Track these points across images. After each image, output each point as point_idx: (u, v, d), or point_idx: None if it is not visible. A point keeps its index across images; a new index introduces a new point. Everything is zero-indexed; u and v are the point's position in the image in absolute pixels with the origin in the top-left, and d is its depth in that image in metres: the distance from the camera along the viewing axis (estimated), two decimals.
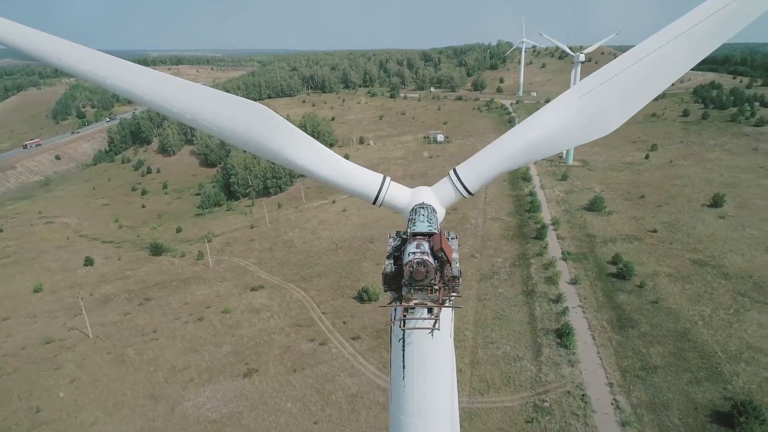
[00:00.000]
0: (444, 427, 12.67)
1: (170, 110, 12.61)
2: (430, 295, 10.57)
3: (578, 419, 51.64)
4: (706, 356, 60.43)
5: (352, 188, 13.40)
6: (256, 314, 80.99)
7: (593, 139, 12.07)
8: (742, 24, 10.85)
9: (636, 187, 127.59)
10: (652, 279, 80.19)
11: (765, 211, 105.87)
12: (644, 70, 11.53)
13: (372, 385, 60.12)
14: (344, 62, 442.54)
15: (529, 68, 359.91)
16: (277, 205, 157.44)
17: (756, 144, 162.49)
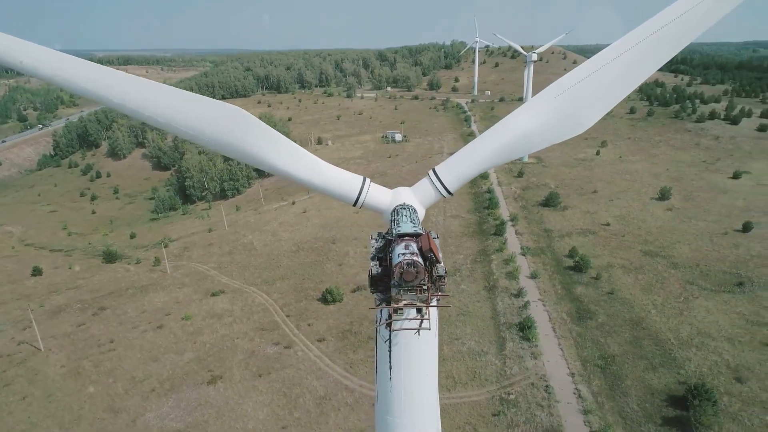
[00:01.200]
0: (431, 425, 12.79)
1: (142, 114, 12.21)
2: (419, 295, 10.65)
3: (543, 410, 52.99)
4: (660, 343, 63.13)
5: (332, 190, 13.33)
6: (218, 320, 79.33)
7: (566, 139, 12.44)
8: (705, 26, 11.42)
9: (588, 182, 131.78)
10: (607, 271, 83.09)
11: (708, 203, 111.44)
12: (615, 71, 11.96)
13: (340, 387, 59.91)
14: (299, 62, 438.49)
15: (483, 67, 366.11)
16: (236, 208, 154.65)
17: (698, 139, 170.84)
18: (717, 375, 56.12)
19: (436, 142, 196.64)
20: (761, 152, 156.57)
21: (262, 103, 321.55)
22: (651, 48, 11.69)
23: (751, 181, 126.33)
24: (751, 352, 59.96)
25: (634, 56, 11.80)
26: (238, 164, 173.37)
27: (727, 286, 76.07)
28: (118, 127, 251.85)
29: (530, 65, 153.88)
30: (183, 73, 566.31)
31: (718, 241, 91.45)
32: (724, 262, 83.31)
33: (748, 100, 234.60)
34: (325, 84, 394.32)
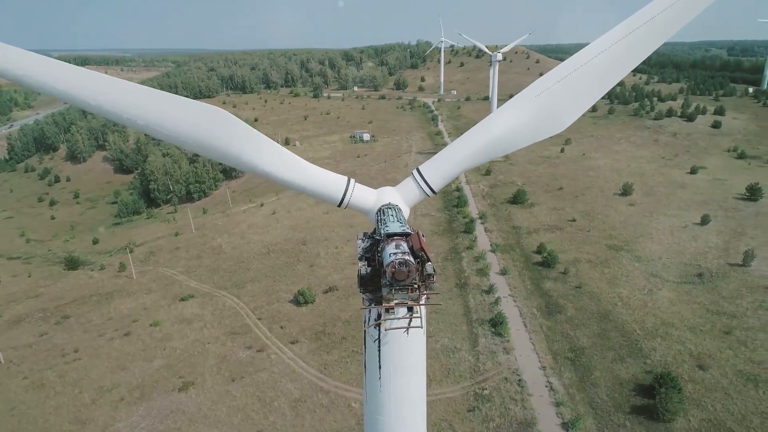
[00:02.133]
0: (420, 422, 12.92)
1: (120, 116, 11.94)
2: (410, 294, 10.73)
3: (516, 404, 53.87)
4: (627, 334, 64.98)
5: (316, 191, 13.31)
6: (188, 325, 77.83)
7: (547, 137, 12.74)
8: (678, 26, 11.88)
9: (554, 179, 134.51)
10: (574, 265, 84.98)
11: (668, 198, 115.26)
12: (592, 71, 12.32)
13: (315, 389, 59.56)
14: (264, 62, 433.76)
15: (449, 67, 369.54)
16: (202, 211, 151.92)
17: (656, 136, 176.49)
18: (681, 363, 58.12)
19: (404, 141, 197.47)
20: (715, 148, 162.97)
21: (227, 103, 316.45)
22: (627, 48, 12.09)
23: (707, 176, 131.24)
24: (712, 340, 62.33)
25: (611, 56, 12.18)
26: (204, 166, 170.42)
27: (687, 277, 78.83)
28: (77, 129, 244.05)
29: (495, 65, 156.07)
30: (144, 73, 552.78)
31: (678, 234, 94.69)
32: (685, 255, 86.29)
33: (702, 98, 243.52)
34: (291, 84, 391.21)
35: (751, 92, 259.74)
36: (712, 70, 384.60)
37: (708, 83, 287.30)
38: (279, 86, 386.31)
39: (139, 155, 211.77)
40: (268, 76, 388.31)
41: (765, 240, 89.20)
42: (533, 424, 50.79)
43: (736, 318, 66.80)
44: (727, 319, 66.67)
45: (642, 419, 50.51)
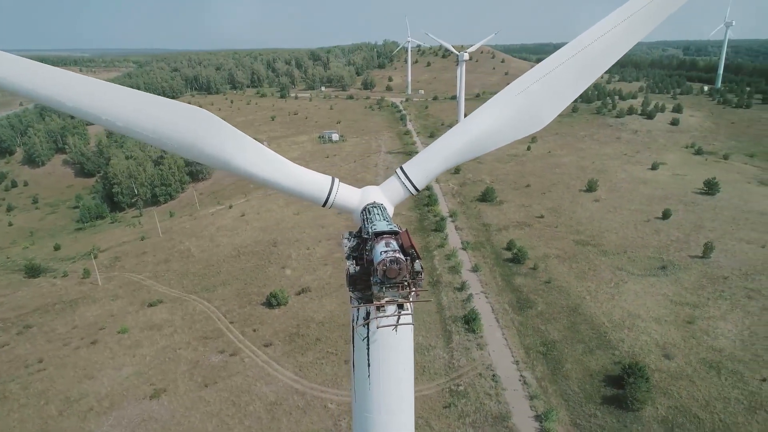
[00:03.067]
0: (408, 419, 13.04)
1: (98, 117, 11.67)
2: (401, 292, 10.83)
3: (491, 398, 54.66)
4: (596, 327, 66.66)
5: (301, 192, 13.27)
6: (158, 331, 76.15)
7: (528, 135, 13.03)
8: (651, 26, 12.33)
9: (522, 176, 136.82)
10: (543, 261, 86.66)
11: (631, 193, 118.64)
12: (570, 70, 12.66)
13: (290, 391, 59.14)
14: (229, 62, 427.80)
15: (416, 67, 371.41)
16: (169, 214, 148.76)
17: (619, 134, 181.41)
18: (647, 353, 59.97)
19: (373, 141, 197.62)
20: (674, 144, 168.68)
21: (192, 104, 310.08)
22: (602, 48, 12.48)
23: (667, 171, 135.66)
24: (676, 330, 64.53)
25: (587, 56, 12.55)
26: (170, 168, 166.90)
27: (651, 270, 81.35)
28: (34, 132, 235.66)
29: (462, 64, 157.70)
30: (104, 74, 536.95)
31: (641, 229, 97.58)
32: (648, 248, 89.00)
33: (661, 96, 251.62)
34: (258, 84, 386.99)
35: (706, 91, 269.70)
36: (670, 69, 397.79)
37: (666, 82, 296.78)
38: (245, 86, 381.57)
39: (101, 158, 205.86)
40: (233, 76, 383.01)
41: (723, 232, 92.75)
42: (508, 418, 51.63)
43: (698, 308, 69.31)
44: (689, 309, 69.12)
45: (612, 409, 51.94)
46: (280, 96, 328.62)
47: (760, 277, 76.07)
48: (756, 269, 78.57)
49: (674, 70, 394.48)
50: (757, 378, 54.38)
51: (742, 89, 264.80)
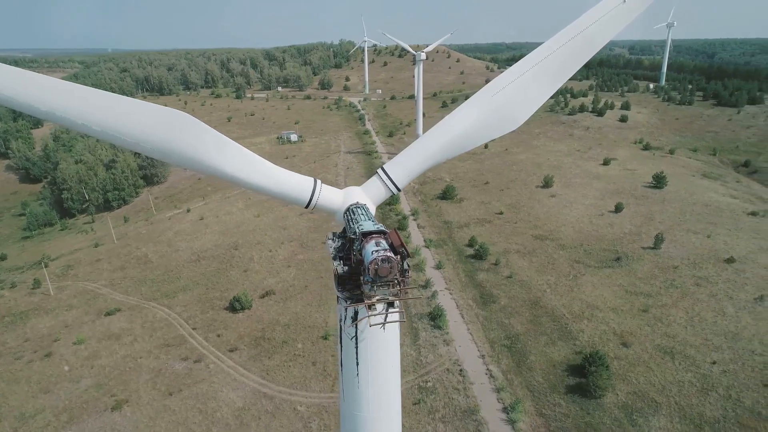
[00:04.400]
0: (396, 415, 13.25)
1: (74, 122, 11.38)
2: (391, 290, 11.02)
3: (459, 393, 55.57)
4: (557, 319, 68.69)
5: (284, 194, 13.30)
6: (116, 340, 73.73)
7: (504, 134, 13.46)
8: (617, 29, 12.96)
9: (480, 174, 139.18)
10: (504, 256, 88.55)
11: (584, 188, 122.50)
12: (542, 72, 13.16)
13: (258, 395, 58.44)
14: (182, 62, 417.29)
15: (373, 66, 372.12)
16: (124, 219, 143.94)
17: (571, 131, 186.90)
18: (606, 342, 62.27)
19: (332, 141, 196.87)
20: (624, 140, 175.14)
21: None
22: (572, 50, 13.02)
23: (618, 166, 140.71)
24: (632, 319, 67.22)
25: (558, 58, 13.07)
26: (123, 172, 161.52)
27: (607, 261, 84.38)
28: None
29: (420, 64, 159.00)
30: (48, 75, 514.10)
31: (596, 222, 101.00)
32: (603, 241, 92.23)
33: (610, 94, 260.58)
34: (212, 85, 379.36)
35: (652, 88, 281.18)
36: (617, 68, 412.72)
37: (614, 80, 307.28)
38: (199, 87, 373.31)
39: (48, 163, 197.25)
40: (186, 76, 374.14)
41: (671, 224, 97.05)
42: (476, 412, 52.63)
43: (651, 297, 72.37)
44: (643, 298, 72.09)
45: (576, 397, 53.70)
46: (236, 97, 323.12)
47: (706, 266, 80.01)
48: (703, 258, 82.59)
49: (621, 68, 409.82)
50: (708, 361, 57.29)
51: (685, 87, 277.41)
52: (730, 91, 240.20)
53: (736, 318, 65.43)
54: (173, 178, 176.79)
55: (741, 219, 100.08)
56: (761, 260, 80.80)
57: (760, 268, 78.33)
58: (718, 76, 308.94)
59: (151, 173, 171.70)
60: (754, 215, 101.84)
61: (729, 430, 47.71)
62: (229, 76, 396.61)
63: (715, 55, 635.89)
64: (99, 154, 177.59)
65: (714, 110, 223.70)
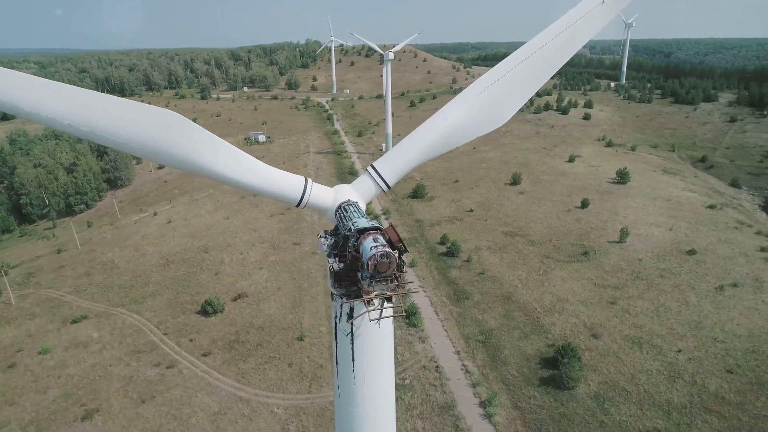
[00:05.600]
0: (391, 409, 13.42)
1: (60, 122, 11.14)
2: (389, 285, 11.18)
3: (436, 389, 56.14)
4: (529, 313, 70.05)
5: (275, 193, 13.30)
6: (84, 348, 71.67)
7: (490, 131, 13.80)
8: (596, 29, 13.45)
9: (450, 173, 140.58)
10: (476, 253, 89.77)
11: (552, 185, 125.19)
12: (524, 71, 13.55)
13: (234, 399, 57.75)
14: (144, 62, 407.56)
15: (340, 66, 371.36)
16: (87, 224, 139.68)
17: (537, 129, 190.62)
18: (577, 334, 63.87)
19: (301, 141, 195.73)
20: (588, 138, 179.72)
21: None
22: (555, 49, 13.45)
23: (583, 163, 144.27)
24: (601, 311, 69.12)
25: (541, 57, 13.48)
26: (85, 176, 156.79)
27: (575, 256, 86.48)
28: None
29: (388, 63, 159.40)
30: None
31: (563, 218, 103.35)
32: (571, 236, 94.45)
33: (573, 93, 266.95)
34: (176, 86, 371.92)
35: (613, 87, 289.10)
36: (579, 67, 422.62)
37: (577, 79, 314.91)
38: (162, 88, 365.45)
39: (4, 167, 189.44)
40: (149, 77, 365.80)
41: (635, 218, 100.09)
42: (454, 407, 53.27)
43: (618, 289, 74.55)
44: (611, 290, 74.21)
45: (549, 389, 54.93)
46: (201, 97, 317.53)
47: (669, 258, 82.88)
48: (666, 250, 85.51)
49: (583, 68, 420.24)
50: (674, 350, 59.41)
51: (644, 85, 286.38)
52: (687, 90, 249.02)
53: (698, 307, 68.02)
54: (138, 182, 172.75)
55: (700, 212, 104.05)
56: (720, 251, 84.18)
57: (719, 258, 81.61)
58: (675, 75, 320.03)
59: (114, 176, 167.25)
60: (712, 208, 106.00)
61: (695, 415, 49.61)
62: (193, 76, 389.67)
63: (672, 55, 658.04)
64: (59, 157, 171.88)
65: (672, 108, 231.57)
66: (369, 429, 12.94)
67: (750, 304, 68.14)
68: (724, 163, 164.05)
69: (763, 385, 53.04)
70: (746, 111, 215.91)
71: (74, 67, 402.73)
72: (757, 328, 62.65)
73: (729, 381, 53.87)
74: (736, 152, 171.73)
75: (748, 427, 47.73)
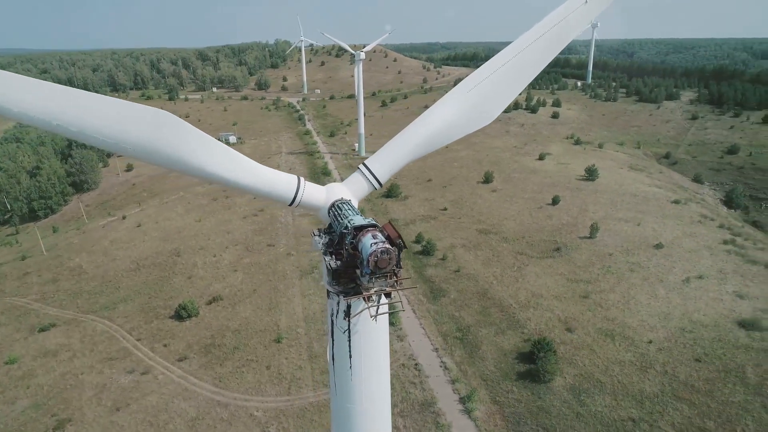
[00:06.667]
0: (386, 405, 13.55)
1: (49, 123, 10.90)
2: (389, 281, 11.30)
3: (416, 387, 56.47)
4: (504, 309, 71.05)
5: (269, 192, 13.29)
6: (54, 357, 69.66)
7: (479, 128, 14.07)
8: (581, 27, 13.84)
9: (423, 172, 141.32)
10: (451, 251, 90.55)
11: (523, 183, 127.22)
12: (512, 69, 13.86)
13: (212, 404, 56.97)
14: (108, 63, 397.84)
15: (310, 66, 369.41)
16: (52, 229, 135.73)
17: (507, 127, 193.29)
18: (552, 328, 65.08)
19: (272, 142, 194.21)
20: (556, 136, 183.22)
21: None
22: (540, 48, 13.80)
23: (553, 161, 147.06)
24: (574, 305, 70.60)
25: (527, 56, 13.81)
26: (50, 180, 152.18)
27: (548, 252, 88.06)
28: None
29: (359, 63, 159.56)
30: None
31: (535, 215, 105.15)
32: (543, 232, 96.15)
33: (542, 92, 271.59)
34: (142, 86, 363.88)
35: (579, 86, 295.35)
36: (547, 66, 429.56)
37: (545, 78, 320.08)
38: (128, 89, 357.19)
39: None
40: (114, 77, 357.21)
41: (604, 214, 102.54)
42: (434, 404, 53.68)
43: (590, 283, 76.24)
44: (583, 285, 75.85)
45: (527, 383, 55.85)
46: (169, 98, 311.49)
47: (638, 252, 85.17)
48: (634, 245, 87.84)
49: (551, 67, 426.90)
50: (644, 341, 61.12)
51: (609, 84, 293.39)
52: (650, 88, 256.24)
53: (667, 299, 70.12)
54: (105, 185, 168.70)
55: (666, 207, 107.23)
56: (685, 245, 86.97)
57: (684, 251, 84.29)
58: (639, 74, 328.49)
59: (80, 180, 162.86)
60: (677, 203, 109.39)
61: (667, 403, 51.16)
62: (160, 77, 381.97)
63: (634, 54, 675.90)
64: (21, 161, 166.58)
65: (636, 106, 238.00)
66: (366, 424, 13.04)
67: (715, 295, 70.60)
68: (687, 159, 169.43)
69: (729, 372, 55.04)
70: (706, 109, 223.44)
71: (34, 68, 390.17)
72: (722, 318, 64.95)
73: (697, 369, 55.73)
74: (698, 149, 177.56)
75: (716, 413, 49.47)
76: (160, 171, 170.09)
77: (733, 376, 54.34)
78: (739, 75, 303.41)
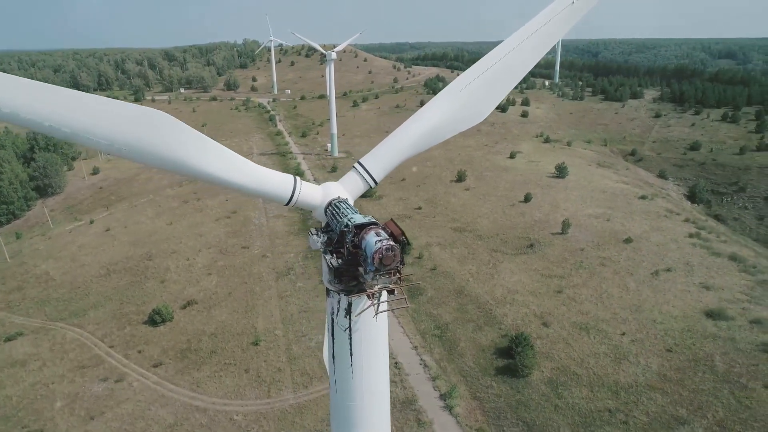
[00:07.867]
0: (386, 400, 13.64)
1: (41, 124, 10.64)
2: (392, 278, 11.38)
3: (397, 385, 56.63)
4: (481, 305, 71.90)
5: (265, 192, 13.25)
6: (22, 367, 67.42)
7: (471, 126, 14.30)
8: (570, 26, 14.20)
9: (396, 171, 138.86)
10: (426, 249, 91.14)
11: (495, 181, 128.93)
12: (502, 68, 14.13)
13: (190, 409, 56.04)
14: (70, 63, 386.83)
15: (280, 66, 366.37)
16: (15, 236, 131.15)
17: (478, 126, 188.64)
18: (529, 324, 66.16)
19: (243, 143, 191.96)
20: (526, 134, 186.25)
21: None
22: (529, 48, 14.10)
23: (523, 159, 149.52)
24: (549, 300, 71.92)
25: (517, 55, 14.10)
26: (11, 184, 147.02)
27: (522, 248, 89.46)
28: None
29: (331, 63, 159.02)
30: None
31: (508, 212, 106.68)
32: (516, 229, 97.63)
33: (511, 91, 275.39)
34: (106, 87, 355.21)
35: (547, 85, 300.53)
36: None
37: None
38: (92, 90, 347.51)
39: None
40: (77, 78, 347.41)
41: (575, 210, 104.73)
42: (415, 401, 53.98)
43: (563, 279, 77.79)
44: (557, 280, 77.33)
45: (505, 378, 56.66)
46: (135, 99, 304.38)
47: (608, 247, 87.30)
48: (604, 240, 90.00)
49: None
50: (618, 333, 62.72)
51: (576, 83, 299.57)
52: (615, 87, 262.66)
53: (637, 292, 72.08)
54: (71, 189, 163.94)
55: (633, 203, 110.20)
56: (653, 239, 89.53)
57: (653, 245, 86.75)
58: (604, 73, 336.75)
59: (44, 184, 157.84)
60: (644, 198, 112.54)
61: (641, 393, 52.61)
62: (125, 77, 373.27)
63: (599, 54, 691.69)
64: None
65: (602, 104, 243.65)
66: (366, 421, 13.12)
67: (683, 287, 72.90)
68: (652, 156, 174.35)
69: (698, 361, 56.93)
70: (669, 107, 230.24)
71: None
72: (690, 309, 67.13)
73: (669, 359, 57.47)
74: (662, 145, 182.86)
75: (688, 401, 51.12)
76: (128, 174, 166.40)
77: (703, 365, 56.24)
78: (699, 74, 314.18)
